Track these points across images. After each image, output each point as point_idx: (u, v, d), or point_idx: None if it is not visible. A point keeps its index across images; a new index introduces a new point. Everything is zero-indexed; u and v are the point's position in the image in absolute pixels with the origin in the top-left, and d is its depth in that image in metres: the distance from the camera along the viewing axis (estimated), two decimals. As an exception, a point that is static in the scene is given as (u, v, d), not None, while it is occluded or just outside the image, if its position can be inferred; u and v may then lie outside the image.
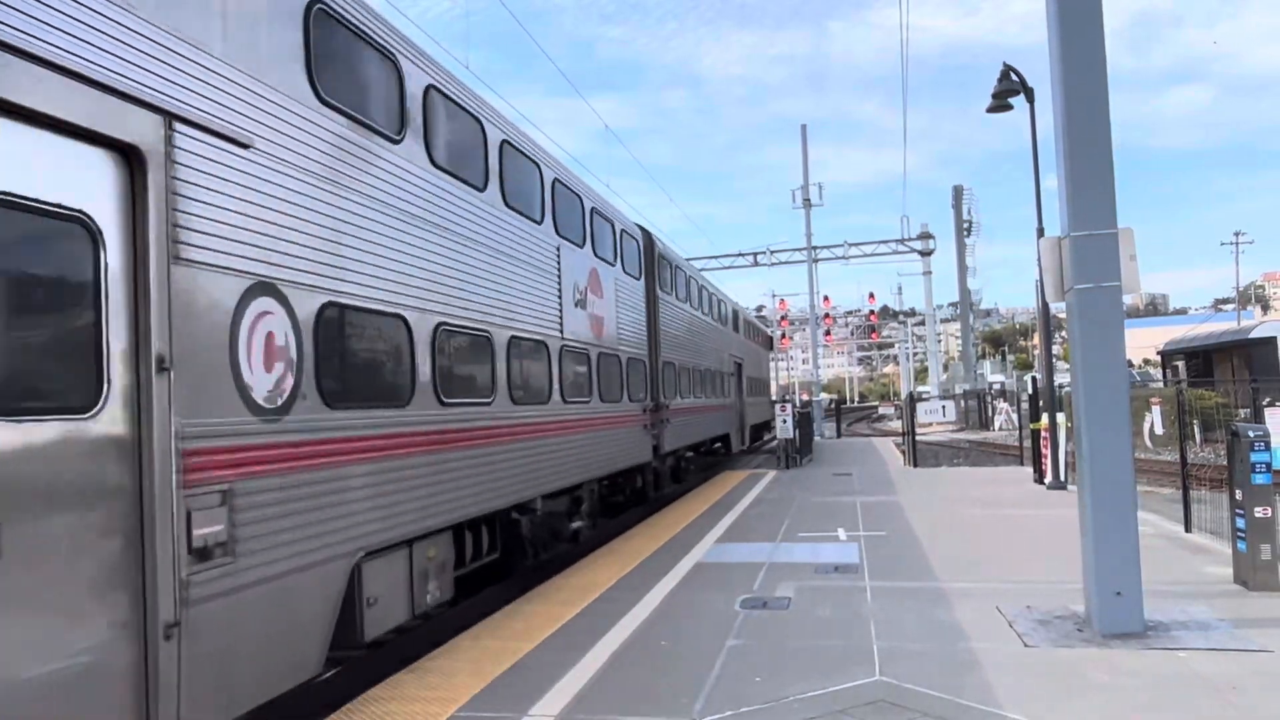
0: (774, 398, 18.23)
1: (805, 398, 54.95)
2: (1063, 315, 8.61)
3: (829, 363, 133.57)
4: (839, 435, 45.04)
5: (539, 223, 11.10)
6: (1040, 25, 8.02)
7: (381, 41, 7.62)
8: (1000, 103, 18.60)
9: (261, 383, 5.67)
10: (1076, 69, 7.57)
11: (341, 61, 7.01)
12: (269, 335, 5.78)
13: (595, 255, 13.66)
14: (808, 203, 44.70)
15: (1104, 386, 7.56)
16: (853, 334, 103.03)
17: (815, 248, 47.73)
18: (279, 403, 5.85)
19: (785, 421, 24.99)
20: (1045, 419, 17.98)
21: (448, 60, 9.66)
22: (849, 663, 6.84)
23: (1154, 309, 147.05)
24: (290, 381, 5.98)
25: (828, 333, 70.50)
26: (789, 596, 9.06)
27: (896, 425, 50.13)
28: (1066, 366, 10.37)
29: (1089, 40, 7.54)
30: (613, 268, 14.65)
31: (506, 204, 10.07)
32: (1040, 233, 17.42)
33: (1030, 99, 18.23)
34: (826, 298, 60.51)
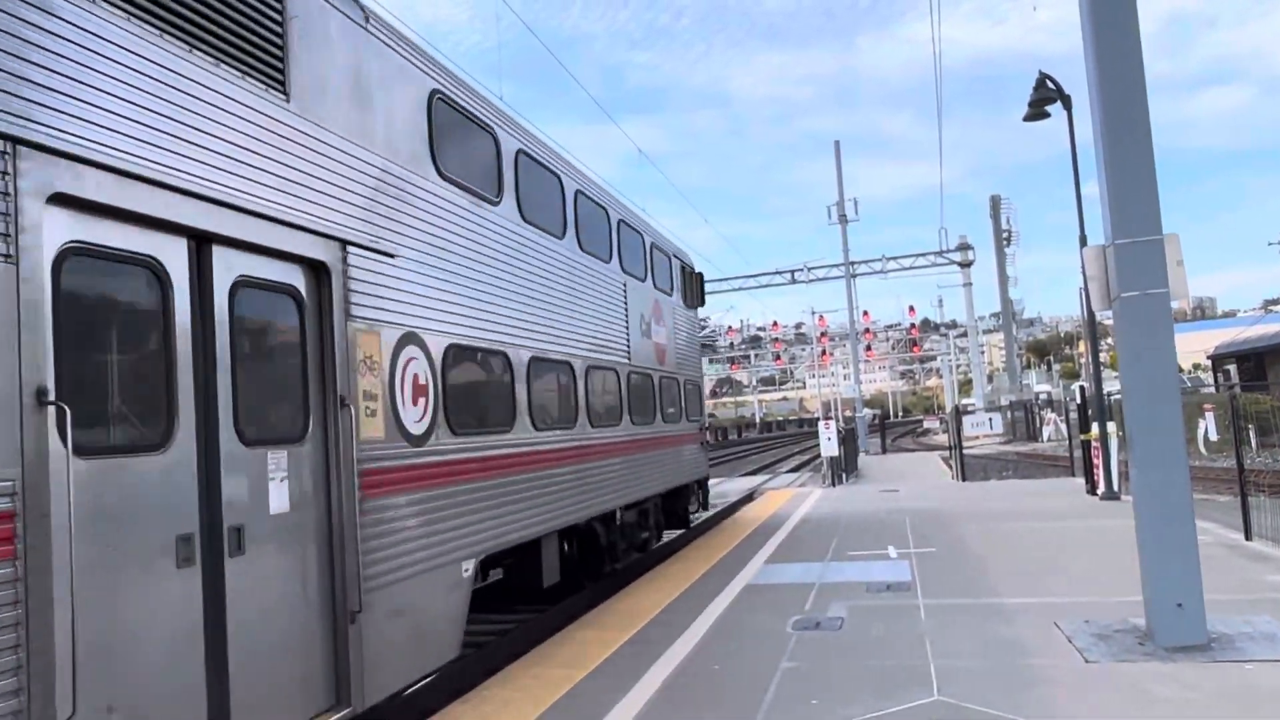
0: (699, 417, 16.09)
1: (848, 414, 54.54)
2: (1109, 322, 8.49)
3: (870, 378, 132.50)
4: (884, 451, 44.65)
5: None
6: (1072, 31, 7.97)
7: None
8: (1037, 111, 18.44)
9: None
10: (1113, 75, 7.51)
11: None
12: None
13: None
14: (843, 218, 44.61)
15: (1155, 394, 7.44)
16: (894, 348, 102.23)
17: (853, 263, 47.60)
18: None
19: (830, 439, 24.81)
20: (1095, 429, 17.70)
21: (482, 92, 9.96)
22: (906, 683, 6.76)
23: (1201, 313, 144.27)
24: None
25: (868, 348, 70.06)
26: (842, 616, 8.98)
27: (942, 439, 49.61)
28: (1115, 374, 10.21)
29: (1125, 46, 7.48)
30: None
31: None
32: (1083, 240, 17.23)
33: (1067, 106, 18.07)
34: (866, 313, 60.36)
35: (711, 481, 32.14)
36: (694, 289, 17.64)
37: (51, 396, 4.08)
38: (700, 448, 17.18)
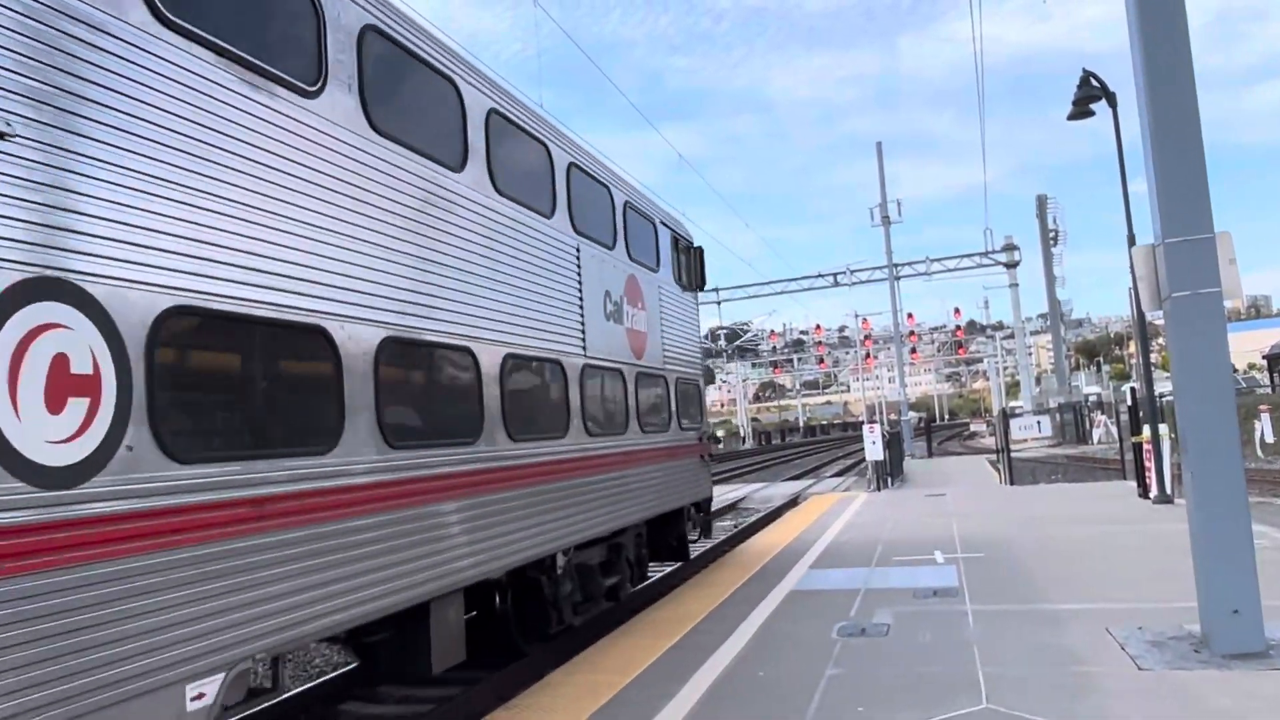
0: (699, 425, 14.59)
1: (893, 417, 54.03)
2: (1160, 321, 8.32)
3: (915, 381, 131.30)
4: (930, 455, 44.16)
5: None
6: (1117, 28, 7.83)
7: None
8: (1082, 109, 18.17)
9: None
10: (1161, 71, 7.36)
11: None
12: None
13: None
14: (886, 220, 44.25)
15: (1208, 395, 7.26)
16: (939, 350, 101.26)
17: (896, 265, 47.17)
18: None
19: (874, 443, 24.60)
20: (1147, 431, 17.37)
21: (522, 99, 9.70)
22: (954, 690, 6.66)
23: (1256, 311, 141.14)
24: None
25: (913, 350, 69.40)
26: (887, 623, 8.88)
27: (989, 442, 49.03)
28: (1167, 375, 10.01)
29: (1173, 40, 7.33)
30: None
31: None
32: (1131, 240, 16.92)
33: (1113, 104, 17.77)
34: (910, 315, 59.83)
35: (755, 487, 32.17)
36: (693, 267, 14.41)
37: None
38: (700, 462, 14.03)
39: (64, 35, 4.28)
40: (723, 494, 29.08)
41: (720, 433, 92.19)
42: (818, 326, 77.39)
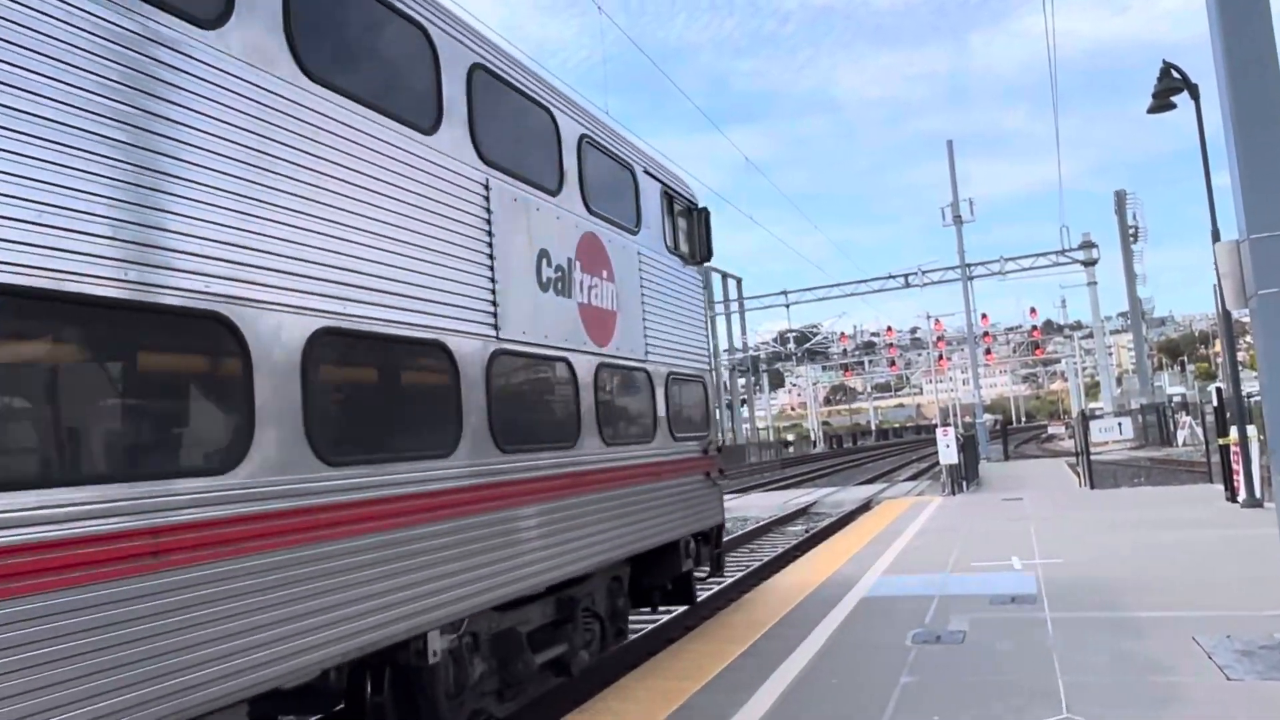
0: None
1: (967, 420, 53.15)
2: (1246, 319, 8.06)
3: (990, 382, 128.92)
4: (1006, 458, 43.31)
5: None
6: (1198, 17, 7.62)
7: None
8: (1162, 102, 17.71)
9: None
10: (1242, 62, 7.13)
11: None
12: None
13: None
14: (958, 219, 43.57)
15: (1299, 396, 7.02)
16: (1015, 351, 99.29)
17: (969, 265, 46.45)
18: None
19: (949, 446, 24.22)
20: (1234, 432, 16.81)
21: (589, 107, 9.31)
22: (1033, 699, 6.52)
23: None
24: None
25: (988, 351, 68.16)
26: (963, 630, 8.72)
27: (1068, 445, 47.88)
28: (1254, 374, 9.69)
29: (1255, 30, 7.10)
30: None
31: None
32: (1215, 236, 16.42)
33: (1195, 96, 17.28)
34: (984, 315, 58.72)
35: (826, 491, 31.87)
36: (696, 234, 11.39)
37: None
38: (705, 482, 10.86)
39: (262, 105, 4.97)
40: (793, 498, 28.90)
41: (790, 436, 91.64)
42: (889, 328, 76.34)
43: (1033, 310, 67.87)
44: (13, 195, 3.66)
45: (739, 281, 67.87)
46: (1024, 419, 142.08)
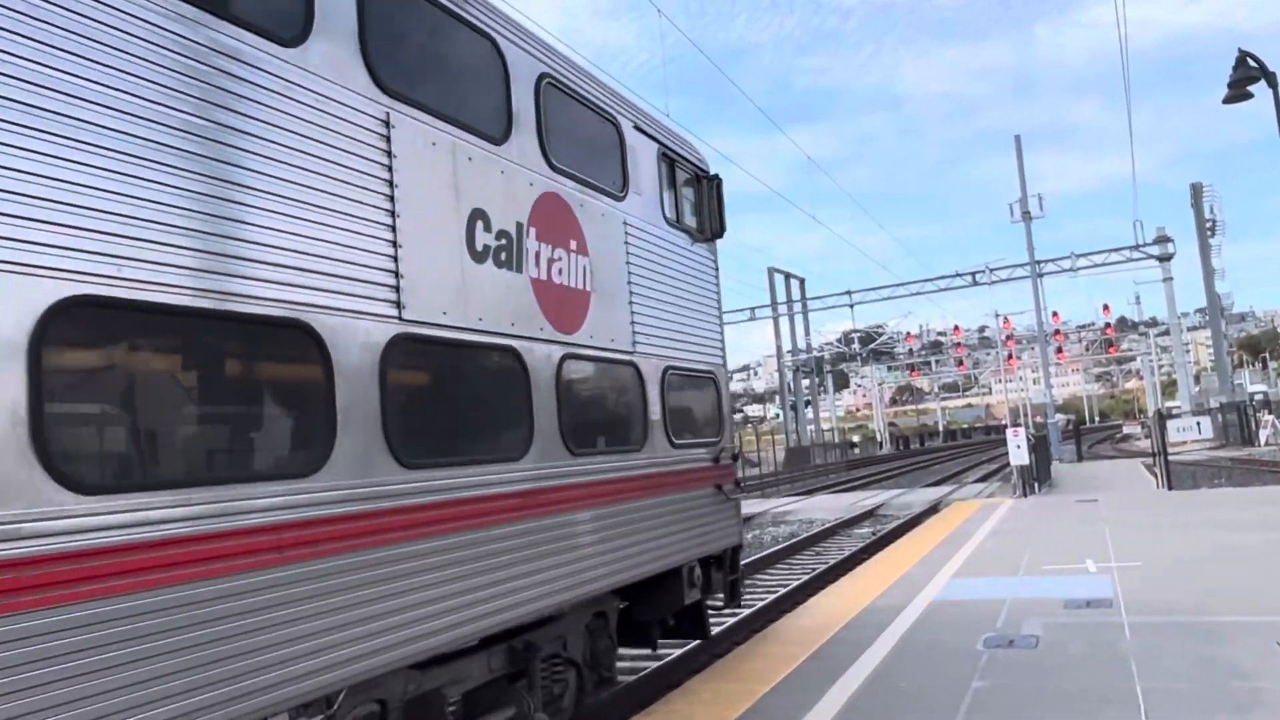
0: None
1: (1038, 420, 52.12)
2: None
3: (1062, 382, 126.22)
4: (1079, 459, 42.33)
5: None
6: (1273, 5, 7.39)
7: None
8: (1238, 92, 17.20)
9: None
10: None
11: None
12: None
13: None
14: (1027, 215, 42.78)
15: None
16: (1087, 350, 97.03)
17: (1039, 261, 45.53)
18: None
19: (1019, 447, 23.79)
20: (1320, 431, 16.24)
21: (648, 108, 8.89)
22: (1109, 706, 6.37)
23: None
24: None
25: (1059, 350, 66.75)
26: (1036, 635, 8.56)
27: (1144, 445, 46.71)
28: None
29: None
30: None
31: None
32: (1297, 227, 15.88)
33: (1272, 84, 16.75)
34: (1055, 313, 57.45)
35: (893, 493, 31.46)
36: (706, 206, 9.78)
37: None
38: (715, 495, 9.11)
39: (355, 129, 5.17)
40: (860, 500, 28.62)
41: (856, 438, 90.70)
42: (956, 327, 75.06)
43: (1106, 307, 66.11)
44: (138, 215, 3.88)
45: (802, 282, 67.44)
46: (1097, 419, 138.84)
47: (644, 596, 8.23)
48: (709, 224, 9.74)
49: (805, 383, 71.55)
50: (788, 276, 66.15)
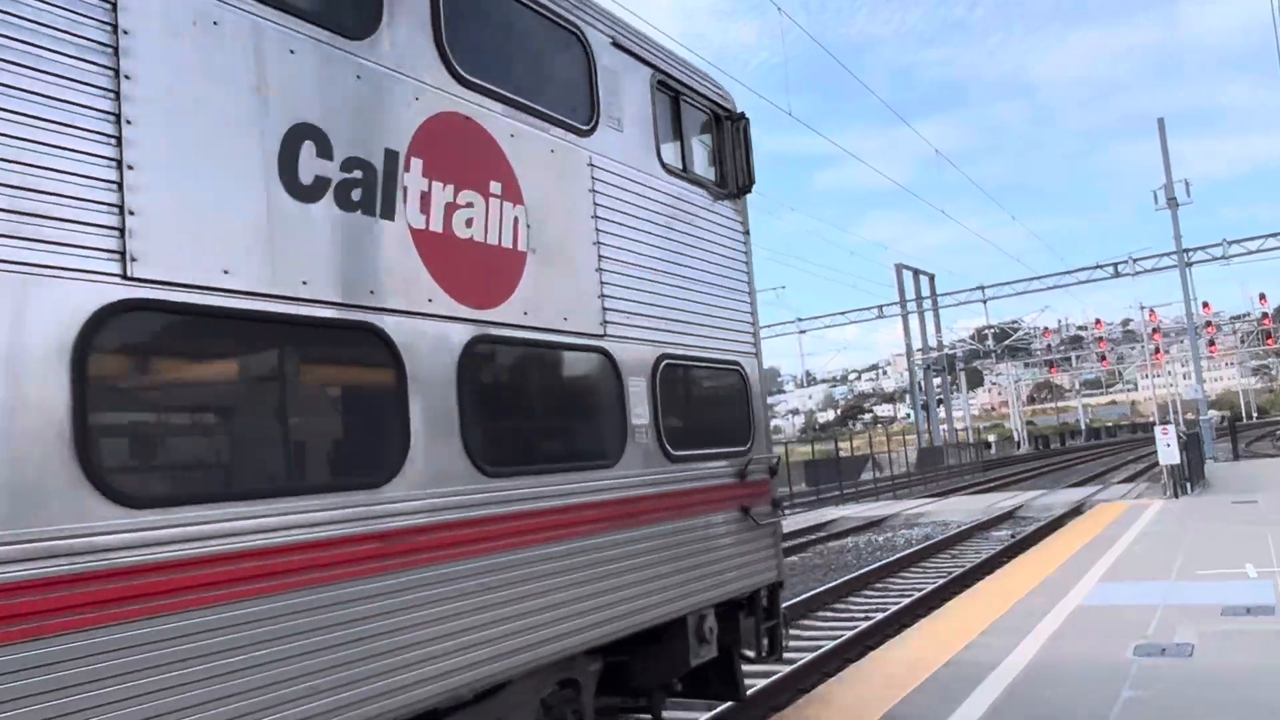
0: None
1: (1189, 417, 49.49)
2: None
3: (1215, 376, 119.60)
4: (1235, 457, 40.02)
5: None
6: None
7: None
8: None
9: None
10: None
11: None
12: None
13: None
14: (1173, 202, 40.71)
15: None
16: (1243, 342, 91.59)
17: (1187, 250, 43.27)
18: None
19: (1169, 445, 22.65)
20: None
21: (771, 108, 8.40)
22: (1273, 718, 6.01)
23: None
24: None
25: (1211, 343, 63.27)
26: (1191, 643, 8.13)
27: (1309, 442, 43.80)
28: None
29: None
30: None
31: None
32: None
33: None
34: (1206, 304, 54.50)
35: (1032, 494, 30.32)
36: (730, 153, 7.72)
37: None
38: (743, 519, 7.04)
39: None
40: (997, 502, 27.76)
41: (992, 437, 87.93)
42: (1097, 321, 71.90)
43: (1262, 297, 62.08)
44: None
45: (931, 278, 65.83)
46: (1255, 415, 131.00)
47: (639, 653, 6.25)
48: (734, 176, 7.67)
49: (937, 381, 69.77)
50: (916, 273, 64.66)
